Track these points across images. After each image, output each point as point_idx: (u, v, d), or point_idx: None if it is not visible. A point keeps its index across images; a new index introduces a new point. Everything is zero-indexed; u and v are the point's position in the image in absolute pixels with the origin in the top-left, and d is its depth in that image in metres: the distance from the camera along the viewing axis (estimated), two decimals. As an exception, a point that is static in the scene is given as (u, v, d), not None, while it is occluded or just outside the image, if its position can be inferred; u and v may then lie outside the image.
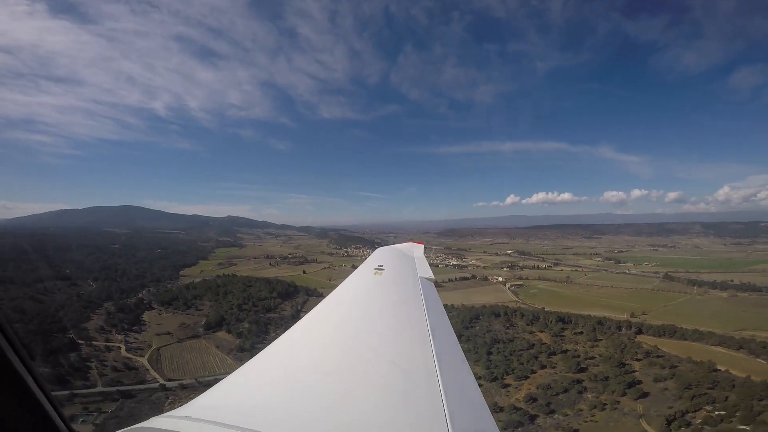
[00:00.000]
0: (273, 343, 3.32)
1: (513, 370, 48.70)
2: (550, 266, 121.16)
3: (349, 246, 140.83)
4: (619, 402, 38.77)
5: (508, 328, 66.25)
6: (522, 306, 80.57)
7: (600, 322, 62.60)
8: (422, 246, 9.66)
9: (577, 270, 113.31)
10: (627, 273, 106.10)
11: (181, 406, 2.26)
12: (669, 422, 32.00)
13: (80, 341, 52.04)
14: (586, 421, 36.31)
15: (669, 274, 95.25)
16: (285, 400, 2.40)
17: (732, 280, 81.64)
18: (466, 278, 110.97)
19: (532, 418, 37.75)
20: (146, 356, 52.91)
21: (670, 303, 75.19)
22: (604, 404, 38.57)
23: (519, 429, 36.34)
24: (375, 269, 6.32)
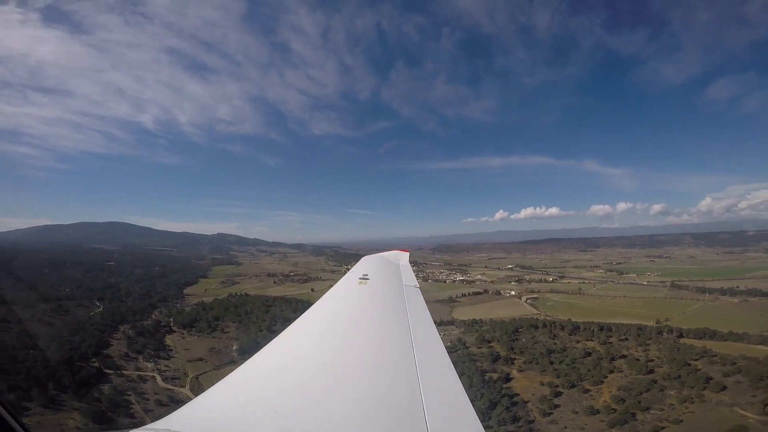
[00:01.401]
0: (255, 354, 3.53)
1: (584, 376, 53.43)
2: (556, 279, 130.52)
3: (349, 263, 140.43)
4: (703, 395, 44.70)
5: (552, 338, 71.52)
6: (546, 318, 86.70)
7: (640, 328, 70.26)
8: (408, 254, 10.29)
9: (584, 282, 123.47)
10: (633, 283, 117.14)
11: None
12: (765, 405, 38.32)
13: (108, 370, 48.20)
14: (684, 413, 41.58)
15: (675, 282, 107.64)
16: (266, 410, 2.54)
17: (738, 287, 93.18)
18: (478, 293, 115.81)
19: (633, 415, 42.33)
20: (187, 386, 50.00)
21: (687, 309, 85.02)
22: (692, 398, 44.22)
23: (626, 425, 40.62)
24: (360, 278, 6.72)
